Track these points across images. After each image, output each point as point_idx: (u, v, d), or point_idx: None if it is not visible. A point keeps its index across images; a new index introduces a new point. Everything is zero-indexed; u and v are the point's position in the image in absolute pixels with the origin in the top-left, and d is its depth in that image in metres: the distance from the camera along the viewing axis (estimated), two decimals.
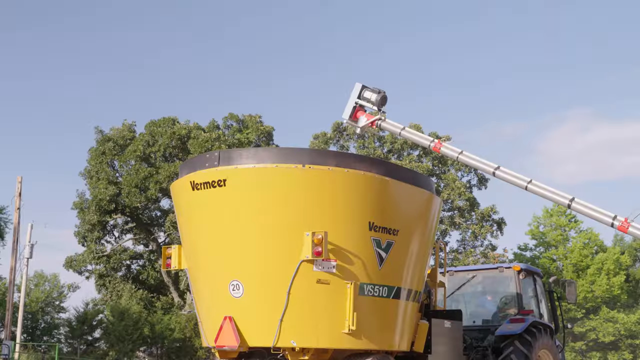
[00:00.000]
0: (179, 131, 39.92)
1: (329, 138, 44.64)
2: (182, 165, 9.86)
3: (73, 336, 35.99)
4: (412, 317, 9.99)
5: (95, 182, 39.90)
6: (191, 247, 9.69)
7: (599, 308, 45.15)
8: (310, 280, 8.82)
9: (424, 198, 9.99)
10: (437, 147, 14.23)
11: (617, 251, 46.22)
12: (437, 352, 10.50)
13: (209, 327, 9.50)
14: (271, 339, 8.88)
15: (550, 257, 46.41)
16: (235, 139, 41.51)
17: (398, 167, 9.91)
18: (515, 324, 12.83)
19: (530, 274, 14.27)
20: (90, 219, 39.73)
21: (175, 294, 41.45)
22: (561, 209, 46.67)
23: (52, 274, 45.66)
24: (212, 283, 9.34)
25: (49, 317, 43.25)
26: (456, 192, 42.54)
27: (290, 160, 8.93)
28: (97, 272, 43.54)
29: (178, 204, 9.95)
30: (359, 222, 9.07)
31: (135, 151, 39.34)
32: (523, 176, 13.38)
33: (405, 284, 9.68)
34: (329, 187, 8.94)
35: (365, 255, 9.10)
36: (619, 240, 50.51)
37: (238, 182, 8.99)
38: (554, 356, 13.40)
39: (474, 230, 43.69)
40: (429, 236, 10.24)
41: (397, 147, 43.69)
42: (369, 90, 14.73)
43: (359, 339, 9.03)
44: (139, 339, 34.98)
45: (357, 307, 8.94)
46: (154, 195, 38.60)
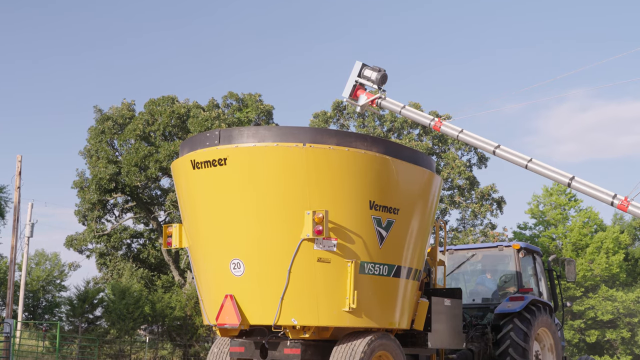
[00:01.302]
0: (179, 110, 39.83)
1: (329, 117, 44.55)
2: (183, 144, 9.86)
3: (74, 314, 36.09)
4: (412, 295, 10.03)
5: (95, 161, 39.87)
6: (192, 225, 9.71)
7: (598, 286, 45.29)
8: (311, 259, 8.85)
9: (424, 177, 9.99)
10: (437, 125, 14.23)
11: (617, 230, 46.28)
12: (436, 330, 10.56)
13: (210, 306, 9.55)
14: (272, 317, 8.93)
15: (550, 236, 46.48)
16: (235, 117, 41.42)
17: (399, 145, 9.90)
18: (514, 302, 12.89)
19: (530, 253, 14.31)
20: (90, 198, 39.75)
21: (175, 273, 41.58)
22: (561, 188, 46.68)
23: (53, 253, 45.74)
24: (213, 261, 9.37)
25: (50, 295, 43.39)
26: (456, 171, 42.54)
27: (290, 139, 8.93)
28: (98, 250, 43.66)
29: (178, 182, 9.95)
30: (359, 200, 9.08)
31: (134, 130, 39.27)
32: (523, 155, 13.39)
33: (406, 263, 9.71)
34: (330, 166, 8.94)
35: (366, 234, 9.12)
36: (618, 219, 50.58)
37: (239, 160, 8.99)
38: (553, 334, 13.47)
39: (474, 209, 43.74)
40: (429, 215, 10.25)
41: (397, 125, 43.62)
42: (369, 68, 14.70)
43: (360, 317, 9.08)
44: (139, 318, 35.12)
45: (358, 286, 8.97)
46: (154, 174, 38.58)
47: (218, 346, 10.45)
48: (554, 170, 13.13)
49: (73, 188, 41.57)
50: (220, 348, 10.39)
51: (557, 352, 13.50)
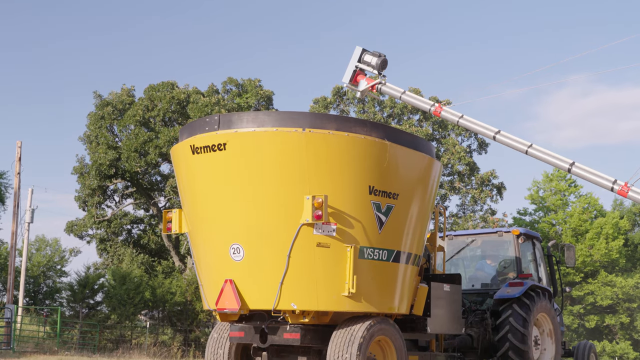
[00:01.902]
0: (178, 95, 39.76)
1: (329, 102, 44.47)
2: (182, 129, 9.85)
3: (75, 300, 36.16)
4: (412, 280, 10.05)
5: (94, 147, 39.84)
6: (192, 211, 9.72)
7: (597, 272, 45.38)
8: (311, 244, 8.86)
9: (424, 162, 9.99)
10: (437, 111, 14.21)
11: (616, 215, 46.32)
12: (436, 315, 10.59)
13: (209, 291, 9.57)
14: (272, 301, 8.95)
15: (550, 222, 46.52)
16: (235, 103, 41.36)
17: (398, 131, 9.89)
18: (514, 288, 12.92)
19: (529, 238, 14.33)
20: (90, 184, 39.75)
21: (176, 258, 41.66)
22: (561, 174, 46.68)
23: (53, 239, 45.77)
24: (213, 247, 9.38)
25: (50, 281, 43.48)
26: (456, 156, 42.51)
27: (290, 124, 8.91)
28: (98, 236, 43.71)
29: (178, 168, 9.95)
30: (359, 186, 9.08)
31: (134, 116, 39.22)
32: (523, 140, 13.39)
33: (405, 248, 9.73)
34: (330, 151, 8.93)
35: (365, 219, 9.13)
36: (618, 205, 50.62)
37: (238, 146, 8.98)
38: (552, 319, 13.51)
39: (474, 195, 43.75)
40: (428, 200, 10.26)
41: (397, 111, 43.55)
42: (369, 53, 14.67)
43: (359, 302, 9.10)
44: (140, 303, 35.20)
45: (357, 271, 8.99)
46: (154, 160, 38.56)
47: (218, 331, 10.49)
48: (554, 155, 13.12)
49: (73, 174, 41.59)
50: (220, 333, 10.42)
51: (556, 337, 13.54)
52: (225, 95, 42.59)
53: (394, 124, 43.08)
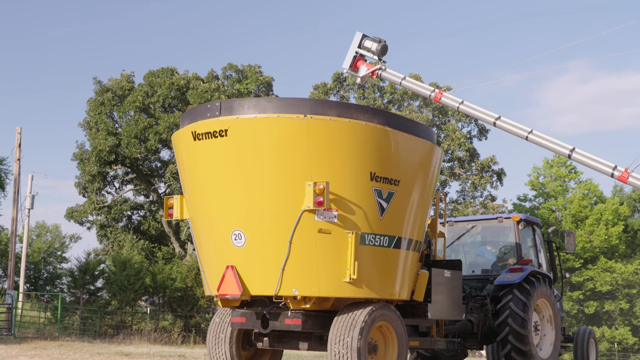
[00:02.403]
0: (178, 82, 39.70)
1: (329, 88, 44.42)
2: (183, 116, 9.84)
3: (75, 286, 36.26)
4: (413, 266, 10.07)
5: (94, 133, 39.83)
6: (193, 197, 9.73)
7: (597, 258, 45.50)
8: (312, 230, 8.87)
9: (425, 148, 9.99)
10: (437, 97, 14.20)
11: (616, 202, 46.38)
12: (436, 301, 10.62)
13: (211, 277, 9.59)
14: (273, 287, 8.97)
15: (550, 208, 46.59)
16: (235, 89, 41.31)
17: (399, 117, 9.87)
18: (514, 274, 12.94)
19: (530, 224, 14.35)
20: (90, 170, 39.76)
21: (176, 244, 41.73)
22: (561, 160, 46.70)
23: (54, 225, 45.90)
24: (214, 233, 9.40)
25: (51, 267, 43.59)
26: (456, 142, 42.50)
27: (291, 110, 8.90)
28: (98, 222, 43.76)
29: (179, 154, 9.95)
30: (360, 172, 9.08)
31: (134, 102, 39.17)
32: (524, 126, 13.39)
33: (406, 234, 9.74)
34: (331, 137, 8.93)
35: (367, 205, 9.14)
36: (618, 191, 50.67)
37: (239, 132, 8.98)
38: (552, 305, 13.55)
39: (474, 181, 43.77)
40: (429, 186, 10.27)
41: (397, 97, 43.51)
42: (370, 39, 14.64)
43: (360, 288, 9.12)
44: (140, 289, 35.30)
45: (358, 257, 9.01)
46: (154, 146, 38.56)
47: (219, 317, 10.52)
48: (554, 141, 13.13)
49: (73, 160, 41.61)
50: (222, 318, 10.45)
51: (556, 323, 13.59)
52: (225, 81, 42.54)
53: (394, 110, 43.03)
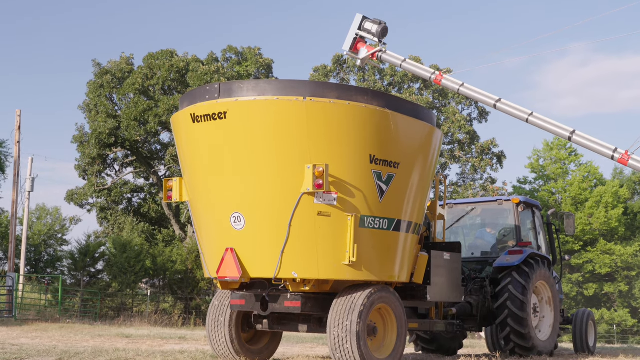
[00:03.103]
0: (178, 64, 39.60)
1: (329, 71, 44.31)
2: (183, 98, 9.81)
3: (76, 268, 36.36)
4: (412, 249, 10.08)
5: (94, 116, 39.79)
6: (192, 179, 9.72)
7: (597, 240, 45.58)
8: (311, 213, 8.87)
9: (425, 131, 9.97)
10: (438, 79, 14.16)
11: (616, 184, 46.41)
12: (436, 283, 10.64)
13: (210, 259, 9.60)
14: (272, 270, 8.98)
15: (550, 190, 46.62)
16: (235, 71, 41.21)
17: (400, 99, 9.84)
18: (513, 256, 12.97)
19: (529, 207, 14.35)
20: (90, 153, 39.76)
21: (176, 227, 41.79)
22: (561, 143, 46.68)
23: (54, 207, 45.97)
24: (214, 215, 9.40)
25: (51, 249, 43.68)
26: (456, 125, 42.45)
27: (291, 93, 8.87)
28: (99, 205, 43.82)
29: (178, 136, 9.93)
30: (360, 154, 9.07)
31: (133, 84, 39.10)
32: (524, 108, 13.36)
33: (406, 217, 9.74)
34: (330, 120, 8.91)
35: (366, 188, 9.13)
36: (618, 174, 50.70)
37: (239, 114, 8.95)
38: (551, 287, 13.58)
39: (474, 164, 43.76)
40: (429, 169, 10.25)
41: (398, 80, 43.41)
42: (370, 21, 14.58)
43: (359, 270, 9.14)
44: (141, 271, 35.40)
45: (358, 239, 9.01)
46: (154, 129, 38.53)
47: (219, 299, 10.54)
48: (554, 124, 13.11)
49: (73, 143, 41.60)
50: (221, 301, 10.48)
51: (555, 305, 13.63)
52: (224, 64, 42.42)
53: (395, 93, 42.95)
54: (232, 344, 10.27)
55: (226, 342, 10.28)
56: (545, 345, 13.10)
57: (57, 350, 11.91)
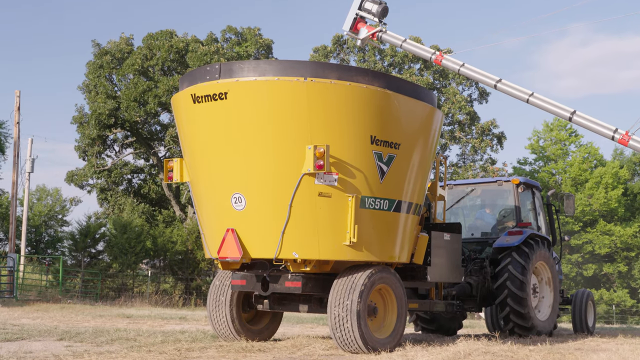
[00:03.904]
0: (177, 44, 39.45)
1: (329, 51, 44.14)
2: (183, 78, 9.78)
3: (77, 249, 36.43)
4: (412, 229, 10.10)
5: (93, 97, 39.69)
6: (193, 160, 9.72)
7: (596, 221, 45.64)
8: (312, 193, 8.88)
9: (425, 112, 9.95)
10: (438, 59, 14.12)
11: (616, 165, 46.40)
12: (436, 263, 10.66)
13: (211, 240, 9.62)
14: (273, 250, 9.00)
15: (550, 171, 46.61)
16: (234, 52, 41.06)
17: (400, 80, 9.82)
18: (513, 237, 12.99)
19: (529, 187, 14.36)
20: (90, 134, 39.70)
21: (176, 208, 41.83)
22: (562, 123, 46.61)
23: (54, 188, 45.94)
24: (214, 196, 9.41)
25: (52, 230, 43.73)
26: (457, 106, 42.36)
27: (291, 73, 8.86)
28: (99, 186, 43.83)
29: (179, 117, 9.91)
30: (360, 135, 9.06)
31: (133, 65, 38.97)
32: (524, 89, 13.34)
33: (406, 197, 9.75)
34: (331, 101, 8.89)
35: (367, 168, 9.13)
36: (618, 155, 50.66)
37: (239, 95, 8.94)
38: (551, 268, 13.62)
39: (474, 145, 43.72)
40: (430, 150, 10.25)
41: (398, 60, 43.25)
42: (370, 1, 14.52)
43: (360, 251, 9.16)
44: (141, 252, 35.47)
45: (358, 220, 9.03)
46: (154, 110, 38.44)
47: (220, 279, 10.58)
48: (555, 104, 13.10)
49: (72, 123, 41.53)
50: (222, 281, 10.52)
51: (555, 286, 13.68)
52: (224, 44, 42.26)
53: (395, 73, 42.83)
54: (233, 324, 10.32)
55: (227, 322, 10.33)
56: (544, 325, 13.16)
57: (59, 330, 11.96)
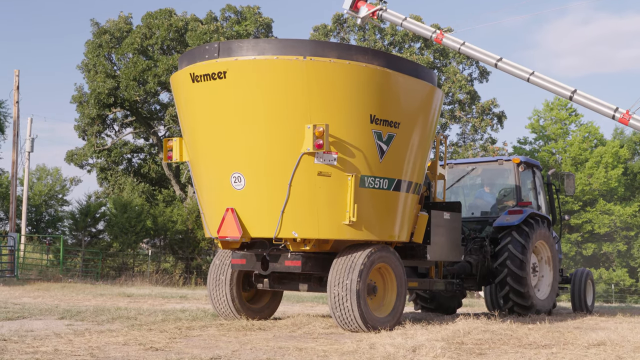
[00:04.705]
0: (176, 23, 39.29)
1: (329, 30, 43.98)
2: (182, 57, 9.74)
3: (77, 228, 36.49)
4: (412, 208, 10.10)
5: (93, 76, 39.58)
6: (192, 139, 9.70)
7: (596, 200, 45.69)
8: (312, 173, 8.87)
9: (425, 91, 9.92)
10: (439, 38, 14.07)
11: (617, 144, 46.38)
12: (435, 242, 10.68)
13: (211, 219, 9.62)
14: (273, 230, 9.01)
15: (550, 151, 46.60)
16: (234, 31, 40.91)
17: (400, 59, 9.77)
18: (513, 216, 13.00)
19: (530, 167, 14.34)
20: (89, 113, 39.64)
21: (176, 187, 41.85)
22: (562, 103, 46.53)
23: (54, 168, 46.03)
24: (214, 175, 9.40)
25: (52, 210, 43.80)
26: (457, 85, 42.26)
27: (291, 52, 8.81)
28: (98, 165, 43.83)
29: (178, 96, 9.88)
30: (360, 114, 9.04)
31: (132, 44, 38.82)
32: (525, 68, 13.31)
33: (406, 177, 9.74)
34: (331, 79, 8.86)
35: (367, 147, 9.12)
36: (618, 134, 50.62)
37: (238, 74, 8.90)
38: (551, 247, 13.64)
39: (474, 124, 43.67)
40: (430, 129, 10.23)
41: (398, 39, 43.09)
42: None
43: (360, 230, 9.17)
44: (142, 231, 35.53)
45: (358, 199, 9.03)
46: (153, 89, 38.36)
47: (220, 258, 10.60)
48: (556, 83, 13.07)
49: (72, 103, 41.45)
50: (222, 260, 10.54)
51: (554, 265, 13.70)
52: (223, 23, 42.09)
53: (395, 52, 42.68)
54: (233, 303, 10.35)
55: (227, 301, 10.36)
56: (543, 304, 13.20)
57: (59, 309, 12.01)
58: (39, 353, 6.55)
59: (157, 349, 7.06)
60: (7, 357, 6.28)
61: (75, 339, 7.75)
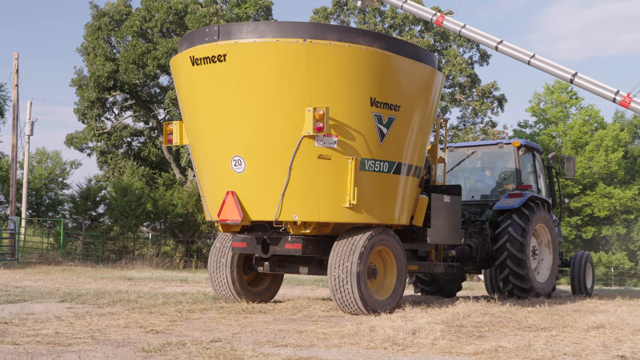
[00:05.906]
0: (176, 6, 39.12)
1: (329, 13, 43.83)
2: (182, 40, 9.71)
3: (77, 212, 36.54)
4: (412, 192, 10.10)
5: (92, 59, 39.46)
6: (192, 123, 9.69)
7: (596, 184, 45.68)
8: (312, 156, 8.87)
9: (426, 73, 9.89)
10: (439, 21, 14.02)
11: (617, 128, 46.32)
12: (436, 226, 10.69)
13: (211, 202, 9.63)
14: (273, 213, 9.02)
15: (550, 134, 46.53)
16: (233, 13, 40.75)
17: (400, 41, 9.75)
18: (513, 199, 13.00)
19: (530, 150, 14.33)
20: (89, 96, 39.56)
21: (176, 170, 41.84)
22: (562, 86, 46.42)
23: (54, 151, 45.95)
24: (214, 159, 9.40)
25: (52, 193, 43.81)
26: (457, 68, 42.15)
27: (291, 35, 8.79)
28: (98, 149, 43.81)
29: (178, 79, 9.86)
30: (360, 97, 9.02)
31: (131, 27, 38.67)
32: (526, 50, 13.27)
33: (406, 160, 9.74)
34: (331, 62, 8.84)
35: (367, 130, 9.11)
36: (619, 117, 50.55)
37: (238, 57, 8.88)
38: (550, 230, 13.66)
39: (475, 107, 43.60)
40: (430, 112, 10.21)
41: (398, 22, 42.94)
42: None
43: (360, 213, 9.18)
44: (142, 215, 35.56)
45: (358, 182, 9.03)
46: (153, 72, 38.25)
47: (220, 242, 10.62)
48: (556, 66, 13.04)
49: (71, 86, 41.36)
50: (223, 243, 10.55)
51: (554, 248, 13.73)
52: (223, 6, 41.91)
53: (395, 35, 42.54)
54: (234, 286, 10.38)
55: (228, 284, 10.39)
56: (543, 287, 13.23)
57: (60, 292, 12.04)
58: (40, 336, 6.57)
59: (157, 332, 7.08)
60: (8, 339, 6.30)
61: (76, 321, 7.78)
